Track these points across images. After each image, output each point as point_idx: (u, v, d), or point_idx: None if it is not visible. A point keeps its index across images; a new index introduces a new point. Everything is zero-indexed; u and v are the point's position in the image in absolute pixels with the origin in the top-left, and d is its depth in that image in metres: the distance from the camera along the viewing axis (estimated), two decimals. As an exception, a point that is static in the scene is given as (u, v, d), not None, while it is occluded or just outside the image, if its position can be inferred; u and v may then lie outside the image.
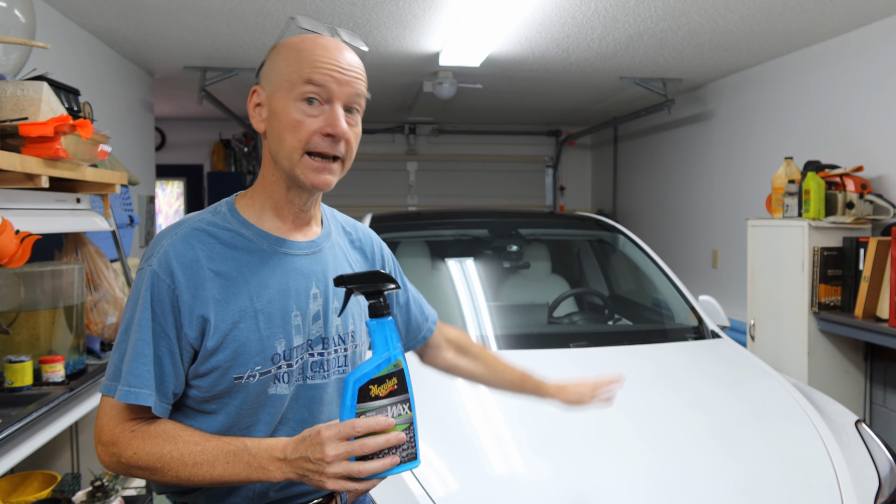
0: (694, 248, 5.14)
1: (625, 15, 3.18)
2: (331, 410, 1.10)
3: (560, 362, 2.22)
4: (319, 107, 1.02)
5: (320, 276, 1.09)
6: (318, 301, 1.08)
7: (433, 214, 3.55)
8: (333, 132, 1.01)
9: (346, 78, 1.03)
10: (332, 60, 1.02)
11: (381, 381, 0.96)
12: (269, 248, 1.06)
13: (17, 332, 1.91)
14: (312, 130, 1.01)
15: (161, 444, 0.97)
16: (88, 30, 3.42)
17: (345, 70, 1.03)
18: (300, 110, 1.01)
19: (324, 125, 1.01)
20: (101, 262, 2.34)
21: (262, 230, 1.07)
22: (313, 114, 1.01)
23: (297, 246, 1.09)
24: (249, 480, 0.96)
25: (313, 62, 1.01)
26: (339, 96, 1.02)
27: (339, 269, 1.13)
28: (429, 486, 1.58)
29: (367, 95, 1.08)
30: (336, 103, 1.02)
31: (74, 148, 1.83)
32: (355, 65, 1.05)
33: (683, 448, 1.75)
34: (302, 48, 1.03)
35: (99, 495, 2.05)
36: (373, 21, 3.27)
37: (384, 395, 0.95)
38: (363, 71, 1.07)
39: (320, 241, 1.13)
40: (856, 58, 3.44)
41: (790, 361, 3.27)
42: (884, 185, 3.24)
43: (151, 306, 0.98)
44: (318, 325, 1.08)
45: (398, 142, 6.91)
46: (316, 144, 1.02)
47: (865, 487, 1.69)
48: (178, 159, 6.67)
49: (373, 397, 0.95)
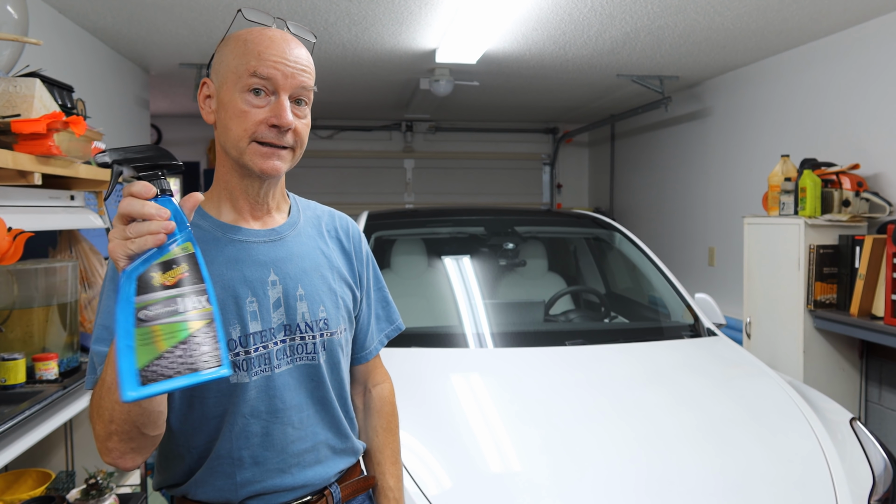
0: (690, 246, 5.15)
1: (621, 12, 3.18)
2: (299, 396, 1.10)
3: (556, 360, 2.22)
4: (266, 98, 1.03)
5: (279, 263, 1.10)
6: (278, 288, 1.09)
7: (430, 212, 3.55)
8: (279, 122, 1.02)
9: (291, 70, 1.03)
10: (278, 53, 1.03)
11: (166, 267, 0.81)
12: (223, 236, 1.08)
13: (10, 329, 1.90)
14: (259, 120, 1.02)
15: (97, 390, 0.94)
16: (83, 26, 3.40)
17: (290, 62, 1.03)
18: (246, 101, 1.02)
19: (270, 115, 1.02)
20: (96, 260, 2.34)
21: (217, 220, 1.09)
22: (260, 104, 1.03)
23: (253, 234, 1.10)
24: None
25: (259, 54, 1.02)
26: (285, 88, 1.03)
27: (306, 257, 1.14)
28: (423, 483, 1.58)
29: (314, 89, 1.08)
30: (282, 94, 1.03)
31: (67, 145, 1.82)
32: (302, 57, 1.06)
33: (678, 446, 1.75)
34: (248, 40, 1.04)
35: (93, 493, 2.04)
36: (369, 18, 3.26)
37: (171, 283, 0.80)
38: (311, 64, 1.08)
39: (282, 229, 1.14)
40: (852, 55, 3.44)
41: (786, 359, 3.27)
42: (880, 182, 3.24)
43: (112, 293, 1.01)
44: (279, 312, 1.09)
45: (395, 139, 6.90)
46: (262, 135, 1.03)
47: (860, 485, 1.69)
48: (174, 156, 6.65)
49: (157, 286, 0.80)
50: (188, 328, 0.80)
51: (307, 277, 1.12)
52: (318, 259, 1.16)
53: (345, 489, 1.18)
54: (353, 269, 1.23)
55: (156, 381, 0.77)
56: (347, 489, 1.18)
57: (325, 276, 1.15)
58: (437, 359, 2.23)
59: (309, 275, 1.13)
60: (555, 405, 1.91)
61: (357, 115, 6.48)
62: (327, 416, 1.15)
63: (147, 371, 0.77)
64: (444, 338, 2.37)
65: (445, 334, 2.40)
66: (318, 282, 1.14)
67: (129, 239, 0.81)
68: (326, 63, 4.20)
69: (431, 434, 1.79)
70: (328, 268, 1.17)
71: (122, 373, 0.76)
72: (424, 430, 1.80)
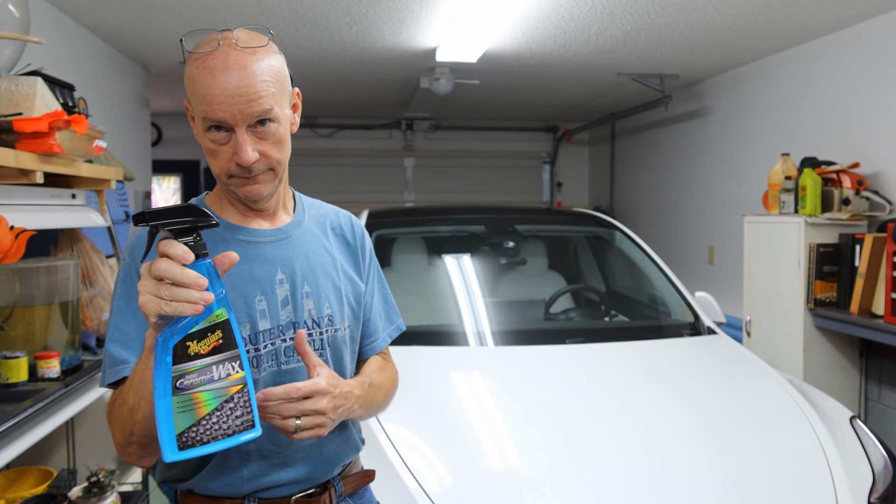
0: (690, 245, 5.15)
1: (622, 11, 3.18)
2: None
3: (556, 359, 2.23)
4: (227, 133, 1.02)
5: (287, 262, 1.12)
6: (286, 286, 1.11)
7: (430, 210, 3.55)
8: (239, 162, 1.02)
9: (238, 106, 0.99)
10: (220, 91, 0.98)
11: (201, 336, 0.83)
12: (231, 236, 1.10)
13: (12, 327, 1.90)
14: (227, 159, 1.03)
15: (115, 399, 0.99)
16: (83, 24, 3.40)
17: (237, 98, 0.99)
18: (211, 140, 1.03)
19: (232, 155, 1.02)
20: (97, 258, 2.34)
21: (226, 221, 1.11)
22: (223, 142, 1.02)
23: (261, 234, 1.12)
24: (143, 366, 0.90)
25: (203, 98, 0.99)
26: (239, 123, 1.00)
27: (311, 255, 1.15)
28: (424, 481, 1.58)
29: (274, 106, 1.02)
30: (239, 130, 1.01)
31: (69, 143, 1.82)
32: (248, 81, 0.99)
33: (679, 444, 1.75)
34: (195, 78, 1.01)
35: (95, 491, 2.05)
36: (370, 16, 3.26)
37: (206, 352, 0.83)
38: (265, 80, 1.01)
39: (288, 228, 1.15)
40: (853, 54, 3.44)
41: (786, 357, 3.28)
42: (880, 181, 3.24)
43: (126, 295, 1.04)
44: (287, 310, 1.10)
45: (395, 137, 6.90)
46: (232, 171, 1.04)
47: (860, 483, 1.70)
48: (175, 155, 6.65)
49: (192, 355, 0.83)
50: (223, 395, 0.85)
51: (313, 275, 1.14)
52: (322, 257, 1.17)
53: (347, 483, 1.20)
54: (358, 265, 1.25)
55: (193, 446, 0.84)
56: (349, 483, 1.21)
57: (329, 273, 1.17)
58: (437, 357, 2.23)
59: (315, 272, 1.14)
60: (555, 403, 1.92)
61: (357, 114, 6.48)
62: None
63: (185, 437, 0.83)
64: (445, 336, 2.37)
65: (446, 332, 2.40)
66: (324, 279, 1.15)
67: (163, 300, 0.81)
68: (327, 61, 4.20)
69: (432, 432, 1.80)
70: (333, 265, 1.18)
71: (163, 437, 0.83)
72: (425, 428, 1.81)
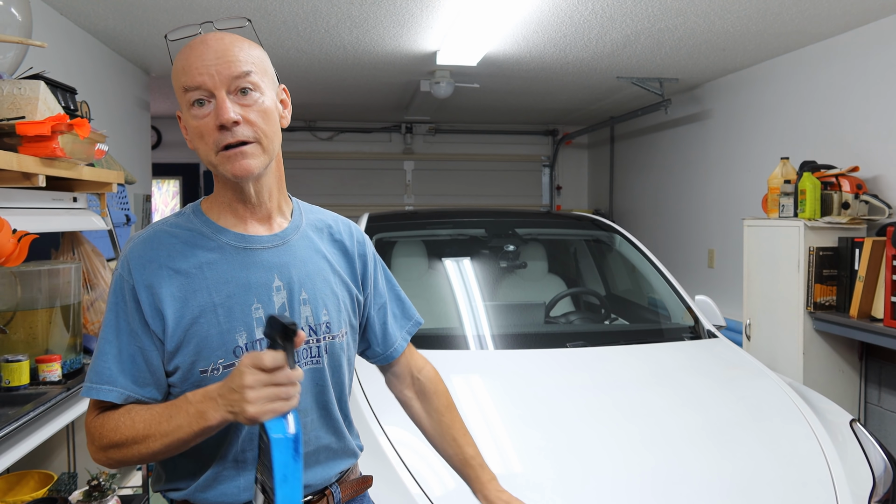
0: (690, 248, 5.16)
1: (622, 15, 3.19)
2: (305, 400, 1.11)
3: (557, 362, 2.23)
4: (208, 105, 1.03)
5: (283, 268, 1.11)
6: (282, 293, 1.10)
7: (430, 214, 3.56)
8: (220, 121, 1.01)
9: (216, 67, 1.02)
10: (198, 58, 1.02)
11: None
12: (228, 243, 1.09)
13: (13, 331, 1.90)
14: (211, 130, 1.02)
15: (118, 417, 1.01)
16: (85, 28, 3.41)
17: (213, 61, 1.02)
18: (194, 116, 1.03)
19: (215, 120, 1.02)
20: (98, 262, 2.34)
21: (222, 227, 1.10)
22: (205, 114, 1.03)
23: (258, 240, 1.11)
24: (192, 431, 0.96)
25: (184, 69, 1.03)
26: (218, 86, 1.02)
27: (308, 261, 1.14)
28: (426, 484, 1.59)
29: (254, 72, 1.05)
30: (218, 93, 1.02)
31: (71, 147, 1.83)
32: (225, 49, 1.03)
33: (679, 447, 1.75)
34: (177, 61, 1.05)
35: (95, 494, 2.05)
36: (370, 20, 3.27)
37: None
38: (242, 50, 1.05)
39: (286, 233, 1.14)
40: (852, 58, 3.45)
41: (785, 361, 3.28)
42: (879, 185, 3.25)
43: (116, 308, 1.04)
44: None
45: (395, 141, 6.91)
46: (218, 141, 1.03)
47: (860, 486, 1.70)
48: (175, 158, 6.65)
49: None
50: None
51: (310, 281, 1.13)
52: (320, 263, 1.16)
53: (344, 489, 1.20)
54: (356, 272, 1.23)
55: None
56: (347, 489, 1.20)
57: (327, 279, 1.16)
58: (438, 361, 2.22)
59: (312, 279, 1.13)
60: (557, 406, 1.92)
61: (357, 117, 6.48)
62: (329, 420, 1.16)
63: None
64: (445, 340, 2.37)
65: (446, 336, 2.40)
66: (321, 285, 1.14)
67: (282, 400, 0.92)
68: (327, 65, 4.21)
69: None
70: (330, 271, 1.17)
71: None
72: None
